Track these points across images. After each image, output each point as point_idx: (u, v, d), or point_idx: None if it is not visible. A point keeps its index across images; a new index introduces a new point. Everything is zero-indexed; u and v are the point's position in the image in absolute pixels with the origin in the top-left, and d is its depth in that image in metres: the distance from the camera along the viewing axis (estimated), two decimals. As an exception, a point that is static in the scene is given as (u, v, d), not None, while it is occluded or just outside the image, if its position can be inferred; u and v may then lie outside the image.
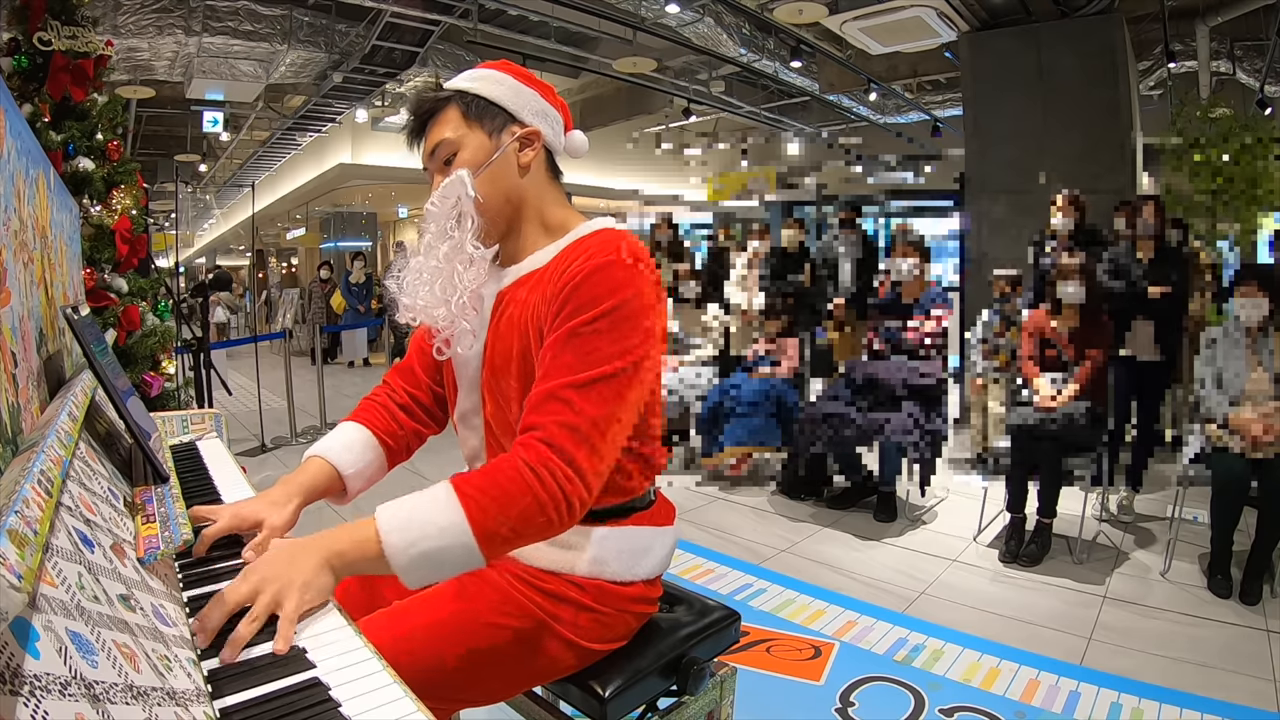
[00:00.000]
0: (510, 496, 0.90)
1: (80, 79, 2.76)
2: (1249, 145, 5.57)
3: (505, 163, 1.10)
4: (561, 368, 0.96)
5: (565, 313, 0.98)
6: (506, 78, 1.13)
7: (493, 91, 1.11)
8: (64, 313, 1.18)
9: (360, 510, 1.07)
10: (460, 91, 1.11)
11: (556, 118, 1.16)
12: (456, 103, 1.10)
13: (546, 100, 1.15)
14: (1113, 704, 2.02)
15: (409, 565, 0.88)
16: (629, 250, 1.02)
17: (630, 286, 0.99)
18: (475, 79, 1.13)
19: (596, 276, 0.98)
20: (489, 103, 1.10)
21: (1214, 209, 5.65)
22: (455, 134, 1.09)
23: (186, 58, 6.90)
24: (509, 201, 1.11)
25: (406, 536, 0.88)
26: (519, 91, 1.12)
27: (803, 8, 6.08)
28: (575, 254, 1.04)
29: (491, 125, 1.10)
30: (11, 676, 0.44)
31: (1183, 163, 5.81)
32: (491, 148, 1.09)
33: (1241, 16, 6.28)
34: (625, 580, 1.10)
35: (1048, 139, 5.65)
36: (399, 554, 0.88)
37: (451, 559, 0.89)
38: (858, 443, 3.52)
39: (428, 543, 0.88)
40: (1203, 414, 2.83)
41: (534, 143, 1.12)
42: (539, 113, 1.13)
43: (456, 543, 0.88)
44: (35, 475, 0.65)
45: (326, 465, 1.16)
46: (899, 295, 3.64)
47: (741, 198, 13.14)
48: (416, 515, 0.89)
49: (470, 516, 0.88)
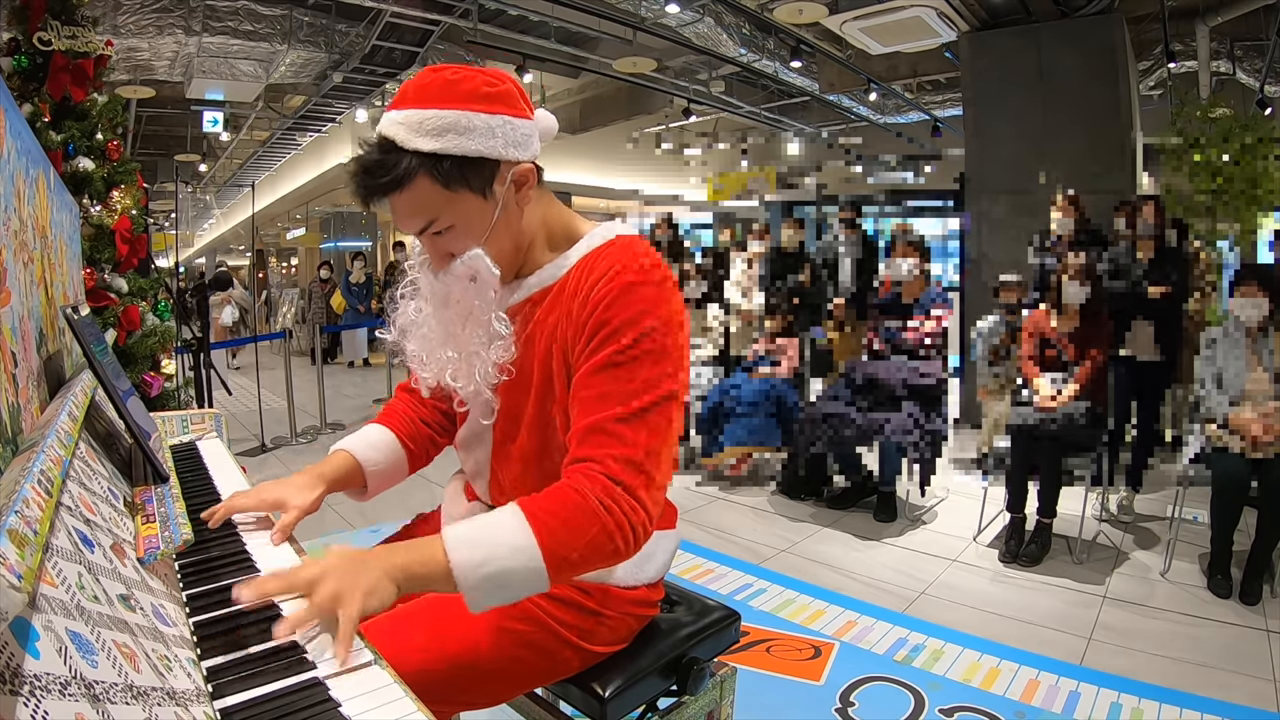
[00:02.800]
0: (580, 524, 0.88)
1: (80, 79, 2.77)
2: (1249, 145, 5.57)
3: (507, 215, 0.99)
4: (604, 399, 0.92)
5: (598, 339, 0.94)
6: (473, 117, 0.93)
7: (468, 146, 0.93)
8: (64, 313, 1.18)
9: (365, 516, 1.07)
10: (428, 155, 0.92)
11: (532, 129, 1.00)
12: (428, 173, 0.92)
13: (515, 114, 0.97)
14: (1113, 704, 2.02)
15: (478, 584, 0.86)
16: (652, 264, 0.97)
17: (662, 306, 0.95)
18: (438, 132, 0.91)
19: (625, 299, 0.94)
20: (468, 160, 0.93)
21: (1214, 209, 5.65)
22: (441, 210, 0.95)
23: (186, 58, 6.90)
24: (519, 247, 1.03)
25: (475, 556, 0.86)
26: (492, 130, 0.94)
27: (803, 8, 6.08)
28: (595, 270, 0.98)
29: (480, 183, 0.95)
30: (11, 676, 0.44)
31: (1183, 163, 5.81)
32: (489, 208, 0.97)
33: (1241, 16, 6.28)
34: (630, 584, 1.10)
35: (1048, 139, 5.65)
36: (468, 573, 0.85)
37: (519, 581, 0.87)
38: (858, 443, 3.52)
39: (498, 563, 0.86)
40: (1203, 414, 2.83)
41: (529, 180, 1.00)
42: (519, 141, 0.97)
43: (526, 565, 0.86)
44: (35, 475, 0.65)
45: (351, 459, 1.16)
46: (899, 295, 3.64)
47: (741, 198, 13.13)
48: (486, 536, 0.87)
49: (541, 541, 0.87)
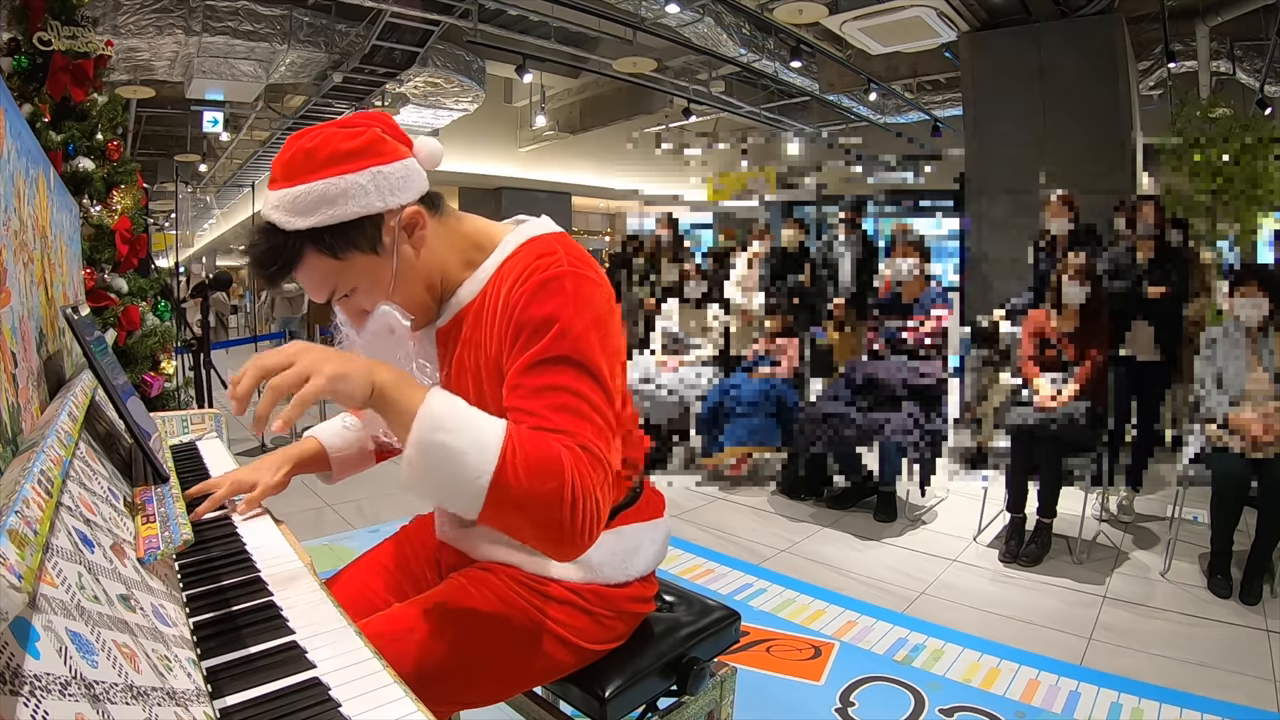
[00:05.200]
0: (546, 473, 0.83)
1: (80, 79, 2.77)
2: (1249, 145, 5.57)
3: (406, 261, 0.97)
4: (539, 398, 0.89)
5: (523, 340, 0.92)
6: (339, 182, 0.91)
7: (343, 213, 0.91)
8: (64, 313, 1.18)
9: (365, 516, 1.07)
10: (308, 232, 0.91)
11: (408, 168, 0.96)
12: (314, 247, 0.92)
13: (387, 160, 0.94)
14: (1113, 704, 2.02)
15: (424, 444, 0.82)
16: (570, 256, 0.95)
17: (582, 297, 0.93)
18: (310, 208, 0.90)
19: (543, 294, 0.92)
20: (348, 224, 0.92)
21: (1214, 209, 5.65)
22: (339, 278, 0.95)
23: (186, 58, 6.91)
24: (430, 285, 1.02)
25: (443, 420, 0.82)
26: (363, 189, 0.92)
27: (803, 8, 6.09)
28: (511, 274, 0.97)
29: (368, 242, 0.94)
30: (11, 676, 0.44)
31: (1183, 163, 5.82)
32: (385, 262, 0.96)
33: (1241, 16, 6.28)
34: (619, 581, 1.10)
35: (1048, 139, 5.66)
36: (425, 429, 0.82)
37: (458, 476, 0.82)
38: (858, 443, 3.52)
39: (454, 441, 0.82)
40: (1203, 414, 2.83)
41: (419, 221, 0.97)
42: (396, 187, 0.94)
43: (474, 465, 0.81)
44: (35, 475, 0.65)
45: (317, 444, 1.25)
46: (899, 295, 3.64)
47: (741, 198, 13.14)
48: (464, 417, 0.84)
49: (503, 458, 0.82)
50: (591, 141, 11.99)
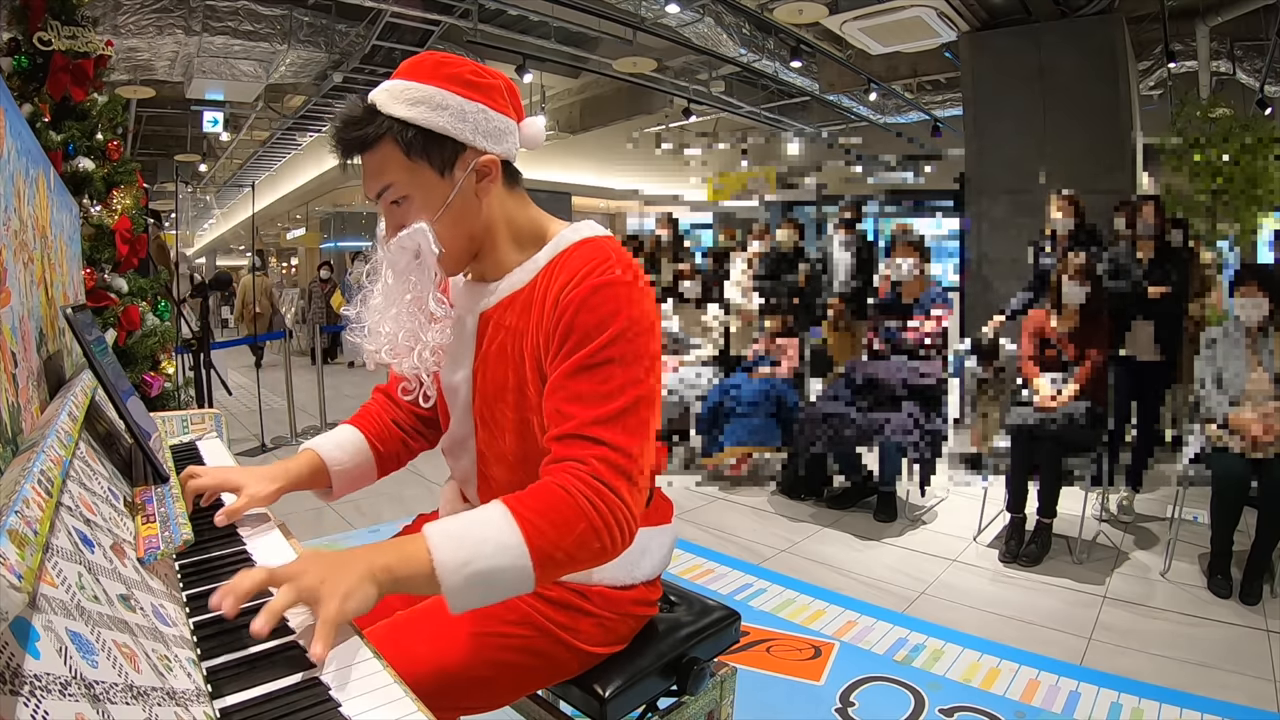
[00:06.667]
0: (567, 522, 0.86)
1: (80, 79, 2.77)
2: (1249, 145, 5.57)
3: (463, 200, 1.00)
4: (580, 403, 0.92)
5: (570, 344, 0.93)
6: (449, 96, 0.96)
7: (435, 121, 0.95)
8: (64, 313, 1.18)
9: (365, 516, 1.07)
10: (397, 121, 0.95)
11: (509, 126, 1.02)
12: (393, 137, 0.95)
13: (496, 109, 1.00)
14: (1113, 704, 2.02)
15: (461, 585, 0.83)
16: (622, 264, 0.97)
17: (633, 306, 0.94)
18: (413, 102, 0.96)
19: (595, 300, 0.93)
20: (433, 134, 0.96)
21: (1214, 209, 5.65)
22: (399, 176, 0.97)
23: (186, 58, 6.90)
24: (473, 238, 1.03)
25: (459, 555, 0.83)
26: (464, 114, 0.97)
27: (803, 8, 6.09)
28: (564, 272, 0.98)
29: (440, 161, 0.97)
30: (11, 676, 0.44)
31: (1183, 163, 5.82)
32: (445, 187, 0.98)
33: (1241, 16, 6.28)
34: (625, 584, 1.10)
35: (1048, 139, 5.66)
36: (451, 573, 0.82)
37: (504, 580, 0.84)
38: (858, 443, 3.52)
39: (482, 562, 0.83)
40: (1203, 414, 2.83)
41: (491, 172, 1.00)
42: (490, 133, 0.99)
43: (512, 564, 0.84)
44: (35, 475, 0.65)
45: (316, 459, 1.18)
46: (899, 295, 3.64)
47: (741, 198, 13.14)
48: (470, 533, 0.85)
49: (528, 538, 0.84)
50: (591, 141, 11.98)
